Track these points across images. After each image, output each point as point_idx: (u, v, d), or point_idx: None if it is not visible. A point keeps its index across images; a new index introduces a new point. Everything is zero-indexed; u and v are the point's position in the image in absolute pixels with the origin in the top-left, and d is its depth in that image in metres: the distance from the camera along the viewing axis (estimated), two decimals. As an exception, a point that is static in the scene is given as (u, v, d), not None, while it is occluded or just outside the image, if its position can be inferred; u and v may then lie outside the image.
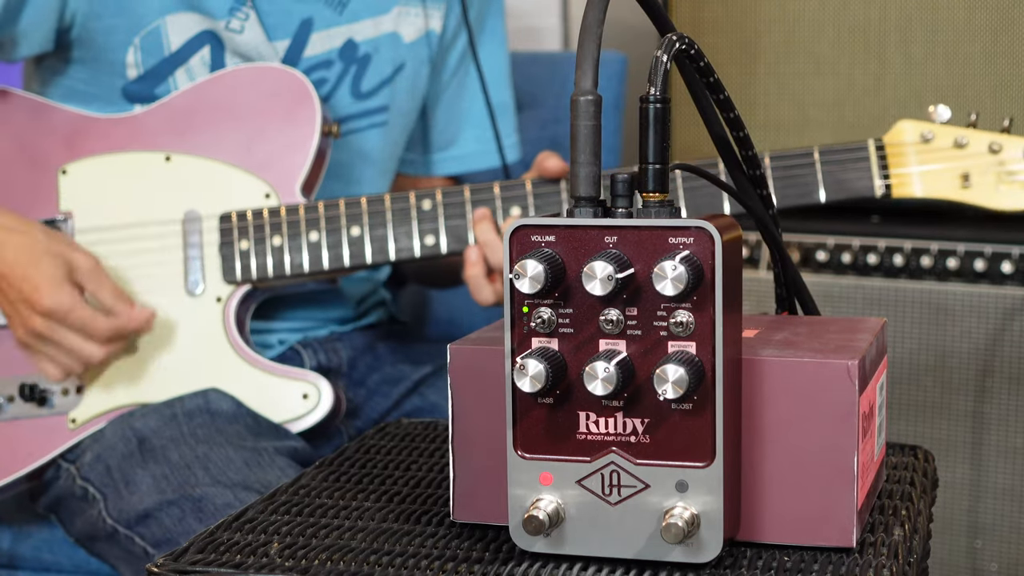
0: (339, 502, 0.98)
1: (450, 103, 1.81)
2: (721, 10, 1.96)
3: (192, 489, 1.41)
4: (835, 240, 1.84)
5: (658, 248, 0.81)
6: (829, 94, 1.92)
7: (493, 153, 1.81)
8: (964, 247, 1.77)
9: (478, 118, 1.81)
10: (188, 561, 0.87)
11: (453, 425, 0.92)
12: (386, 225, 1.55)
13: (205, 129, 1.58)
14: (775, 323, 0.99)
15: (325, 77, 1.65)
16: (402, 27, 1.69)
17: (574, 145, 0.82)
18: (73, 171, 1.58)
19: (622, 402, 0.83)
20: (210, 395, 1.53)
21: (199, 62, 1.60)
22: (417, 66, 1.72)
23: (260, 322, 1.65)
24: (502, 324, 0.88)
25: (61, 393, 1.55)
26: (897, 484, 1.01)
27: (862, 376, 0.86)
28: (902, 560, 0.86)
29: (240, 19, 1.59)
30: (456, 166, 1.83)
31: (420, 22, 1.71)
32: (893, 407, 1.80)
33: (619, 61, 2.10)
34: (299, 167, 1.57)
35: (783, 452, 0.86)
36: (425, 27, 1.72)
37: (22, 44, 1.57)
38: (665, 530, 0.81)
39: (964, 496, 1.79)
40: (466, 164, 1.82)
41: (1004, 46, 1.82)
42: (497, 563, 0.86)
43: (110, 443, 1.51)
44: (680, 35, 0.86)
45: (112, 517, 1.47)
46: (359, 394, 1.70)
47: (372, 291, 1.80)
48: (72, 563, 1.65)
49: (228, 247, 1.55)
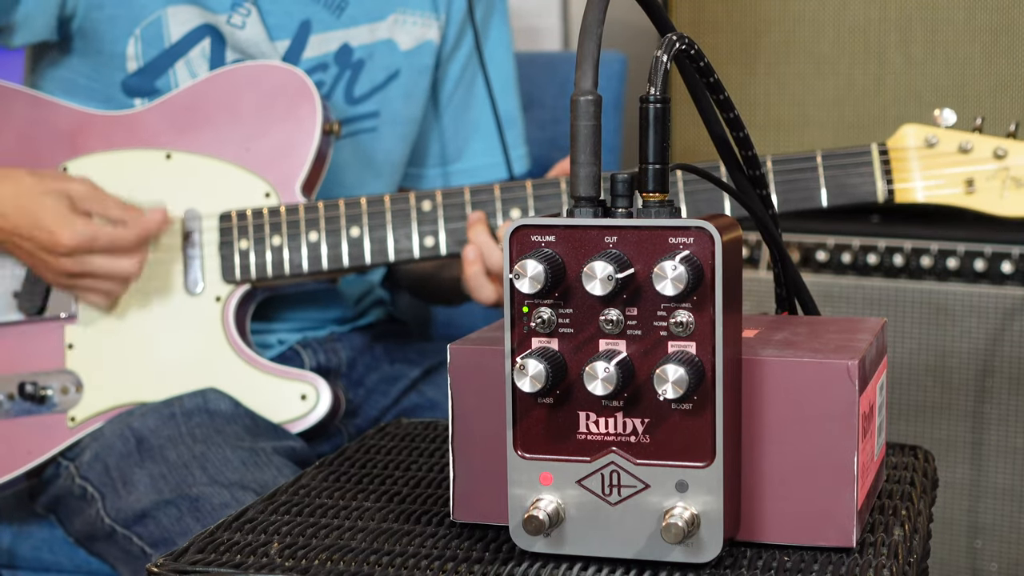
0: (339, 502, 0.98)
1: (456, 115, 1.80)
2: (721, 10, 1.96)
3: (189, 489, 1.41)
4: (835, 240, 1.84)
5: (658, 248, 0.81)
6: (829, 94, 1.92)
7: (502, 166, 1.80)
8: (964, 247, 1.77)
9: (486, 129, 1.81)
10: (188, 561, 0.87)
11: (453, 425, 0.92)
12: (386, 226, 1.55)
13: (206, 127, 1.58)
14: (775, 323, 0.99)
15: (321, 80, 1.65)
16: (398, 35, 1.69)
17: (574, 145, 0.82)
18: (74, 169, 1.58)
19: (622, 402, 0.83)
20: (209, 395, 1.53)
21: (199, 55, 1.60)
22: (414, 75, 1.72)
23: (260, 322, 1.65)
24: (502, 324, 0.88)
25: (61, 391, 1.55)
26: (897, 484, 1.01)
27: (862, 376, 0.86)
28: (902, 560, 0.86)
29: (242, 15, 1.59)
30: (465, 179, 1.82)
31: (417, 31, 1.71)
32: (893, 407, 1.80)
33: (619, 61, 2.10)
34: (299, 166, 1.57)
35: (783, 452, 0.86)
36: (423, 36, 1.72)
37: (22, 30, 1.57)
38: (665, 530, 0.81)
39: (964, 496, 1.79)
40: (476, 177, 1.81)
41: (1004, 46, 1.82)
42: (497, 563, 0.86)
43: (109, 442, 1.51)
44: (680, 35, 0.86)
45: (110, 517, 1.48)
46: (358, 394, 1.70)
47: (369, 290, 1.80)
48: (72, 563, 1.65)
49: (228, 246, 1.55)
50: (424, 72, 1.73)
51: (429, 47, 1.73)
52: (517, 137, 1.82)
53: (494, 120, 1.78)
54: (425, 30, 1.72)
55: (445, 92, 1.79)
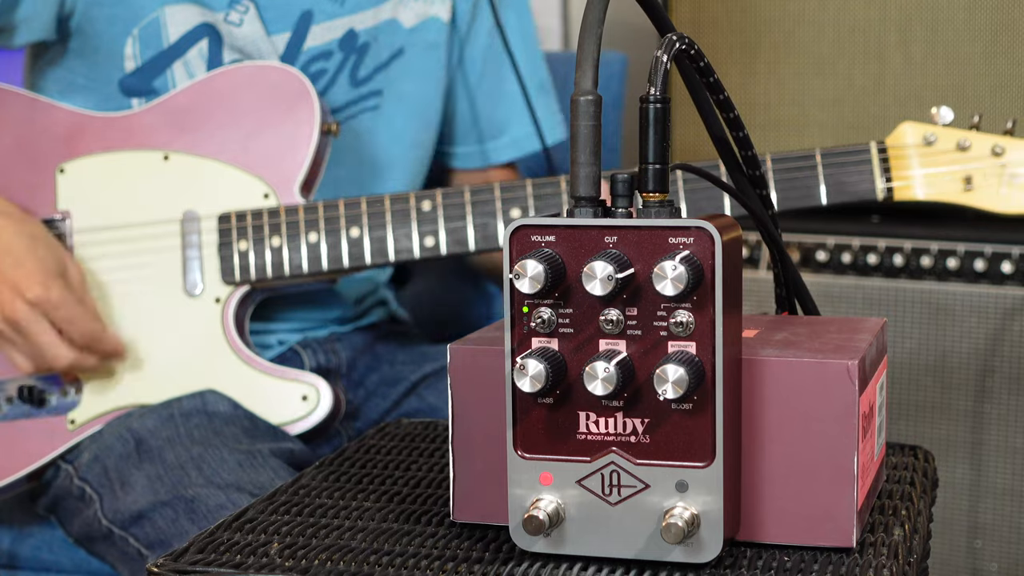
0: (339, 502, 0.98)
1: (491, 89, 1.80)
2: (721, 10, 1.96)
3: (185, 490, 1.41)
4: (835, 240, 1.84)
5: (658, 248, 0.81)
6: (829, 94, 1.92)
7: (534, 136, 1.80)
8: (964, 247, 1.77)
9: (518, 101, 1.80)
10: (188, 561, 0.87)
11: (453, 425, 0.92)
12: (385, 226, 1.55)
13: (204, 128, 1.58)
14: (775, 323, 0.99)
15: (324, 68, 1.65)
16: (401, 13, 1.69)
17: (574, 145, 0.82)
18: (71, 170, 1.58)
19: (622, 402, 0.83)
20: (207, 396, 1.53)
21: (197, 55, 1.60)
22: (421, 51, 1.72)
23: (260, 323, 1.65)
24: (502, 324, 0.88)
25: (60, 394, 1.55)
26: (897, 484, 1.01)
27: (862, 376, 0.86)
28: (902, 560, 0.86)
29: (239, 12, 1.59)
30: (512, 151, 1.82)
31: (420, 7, 1.71)
32: (893, 407, 1.80)
33: (619, 61, 2.10)
34: (298, 167, 1.57)
35: (783, 452, 0.86)
36: (427, 12, 1.71)
37: (22, 30, 1.57)
38: (665, 530, 0.81)
39: (964, 496, 1.79)
40: (522, 148, 1.82)
41: (1004, 46, 1.82)
42: (497, 563, 0.86)
43: (108, 443, 1.51)
44: (680, 35, 0.86)
45: (107, 518, 1.47)
46: (358, 395, 1.70)
47: (371, 291, 1.80)
48: (72, 563, 1.65)
49: (227, 247, 1.55)
50: (432, 49, 1.73)
51: (435, 23, 1.72)
52: (551, 104, 1.82)
53: (521, 91, 1.77)
54: (428, 7, 1.71)
55: (473, 70, 1.78)
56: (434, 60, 1.73)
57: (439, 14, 1.72)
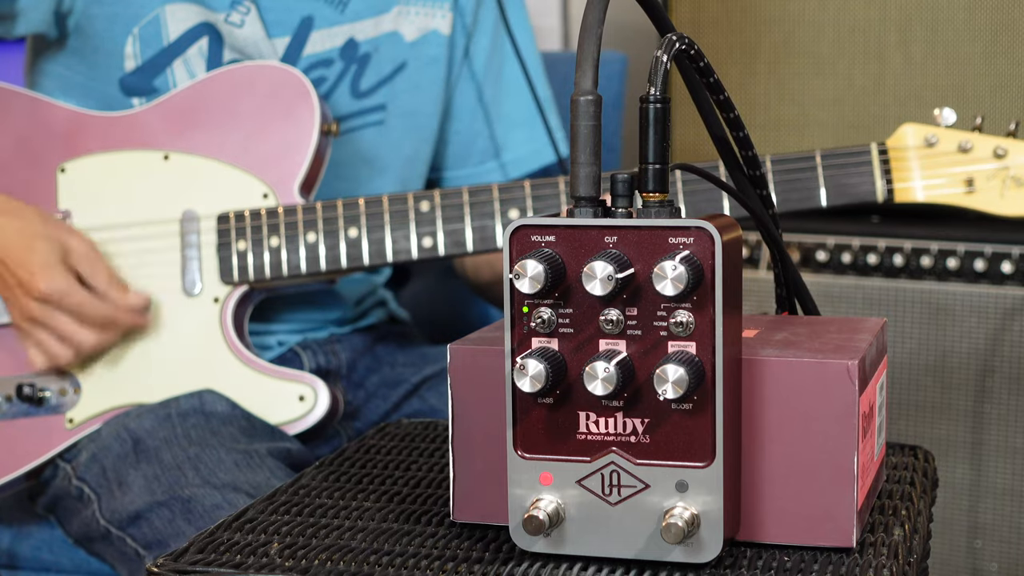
0: (339, 502, 0.98)
1: (495, 106, 1.79)
2: (721, 10, 1.96)
3: (182, 490, 1.41)
4: (835, 240, 1.84)
5: (658, 248, 0.81)
6: (829, 94, 1.92)
7: (545, 150, 1.79)
8: (964, 247, 1.77)
9: (523, 118, 1.80)
10: (188, 561, 0.87)
11: (453, 425, 0.92)
12: (384, 227, 1.55)
13: (204, 128, 1.58)
14: (775, 323, 0.99)
15: (324, 76, 1.65)
16: (402, 26, 1.69)
17: (574, 145, 0.82)
18: (72, 169, 1.58)
19: (622, 402, 0.83)
20: (205, 396, 1.52)
21: (196, 54, 1.60)
22: (421, 66, 1.72)
23: (259, 324, 1.65)
24: (502, 324, 0.88)
25: (59, 393, 1.55)
26: (897, 484, 1.01)
27: (862, 376, 0.86)
28: (902, 560, 0.86)
29: (241, 13, 1.59)
30: (520, 169, 1.81)
31: (421, 20, 1.70)
32: (893, 407, 1.80)
33: (619, 61, 2.10)
34: (297, 167, 1.56)
35: (783, 452, 0.86)
36: (427, 26, 1.71)
37: (20, 21, 1.57)
38: (665, 530, 0.81)
39: (964, 496, 1.79)
40: (520, 168, 1.80)
41: (1004, 46, 1.82)
42: (497, 563, 0.86)
43: (106, 443, 1.51)
44: (680, 35, 0.86)
45: (105, 518, 1.47)
46: (358, 396, 1.69)
47: (371, 291, 1.80)
48: (72, 563, 1.65)
49: (226, 247, 1.55)
50: (433, 63, 1.72)
51: (436, 37, 1.72)
52: (555, 118, 1.81)
53: (534, 105, 1.77)
54: (429, 20, 1.71)
55: (479, 86, 1.78)
56: (433, 74, 1.73)
57: (439, 27, 1.72)
